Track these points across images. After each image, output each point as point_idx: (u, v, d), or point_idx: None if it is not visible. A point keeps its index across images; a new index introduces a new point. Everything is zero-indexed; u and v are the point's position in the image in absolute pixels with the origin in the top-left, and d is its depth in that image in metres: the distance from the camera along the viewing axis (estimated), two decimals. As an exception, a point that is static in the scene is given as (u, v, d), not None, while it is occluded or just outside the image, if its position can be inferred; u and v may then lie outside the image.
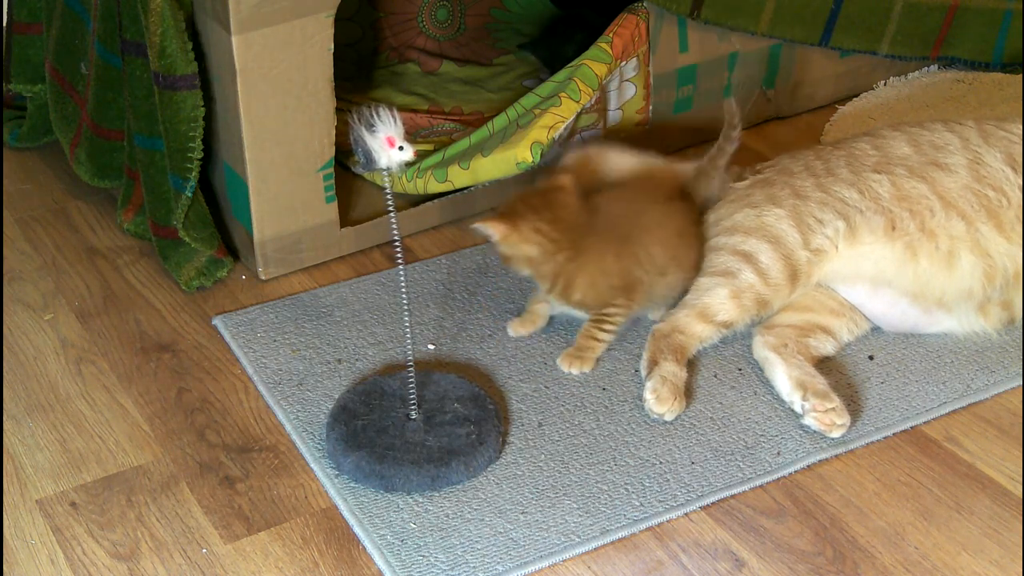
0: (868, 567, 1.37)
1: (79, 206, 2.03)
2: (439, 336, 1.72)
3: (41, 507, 1.46)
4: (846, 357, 1.67)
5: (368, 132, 1.34)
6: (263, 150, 1.74)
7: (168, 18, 1.67)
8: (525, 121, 1.84)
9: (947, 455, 1.52)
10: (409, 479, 1.45)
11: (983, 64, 2.33)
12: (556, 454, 1.52)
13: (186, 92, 1.71)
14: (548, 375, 1.64)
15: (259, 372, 1.65)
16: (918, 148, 1.70)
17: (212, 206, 1.86)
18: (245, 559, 1.39)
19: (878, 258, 1.65)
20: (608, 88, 2.01)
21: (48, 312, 1.78)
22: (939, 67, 2.37)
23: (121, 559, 1.39)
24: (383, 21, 2.35)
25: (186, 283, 1.81)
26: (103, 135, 1.93)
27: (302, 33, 1.69)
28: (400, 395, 1.54)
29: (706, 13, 2.00)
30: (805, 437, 1.54)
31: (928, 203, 1.64)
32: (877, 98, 2.30)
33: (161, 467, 1.51)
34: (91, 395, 1.63)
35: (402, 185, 1.91)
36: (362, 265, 1.88)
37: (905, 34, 2.22)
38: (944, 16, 2.23)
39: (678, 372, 1.58)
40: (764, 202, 1.69)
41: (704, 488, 1.46)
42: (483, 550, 1.38)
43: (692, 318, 1.64)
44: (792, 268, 1.64)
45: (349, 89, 2.21)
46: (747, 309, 1.64)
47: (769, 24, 2.07)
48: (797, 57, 2.19)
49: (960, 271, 1.63)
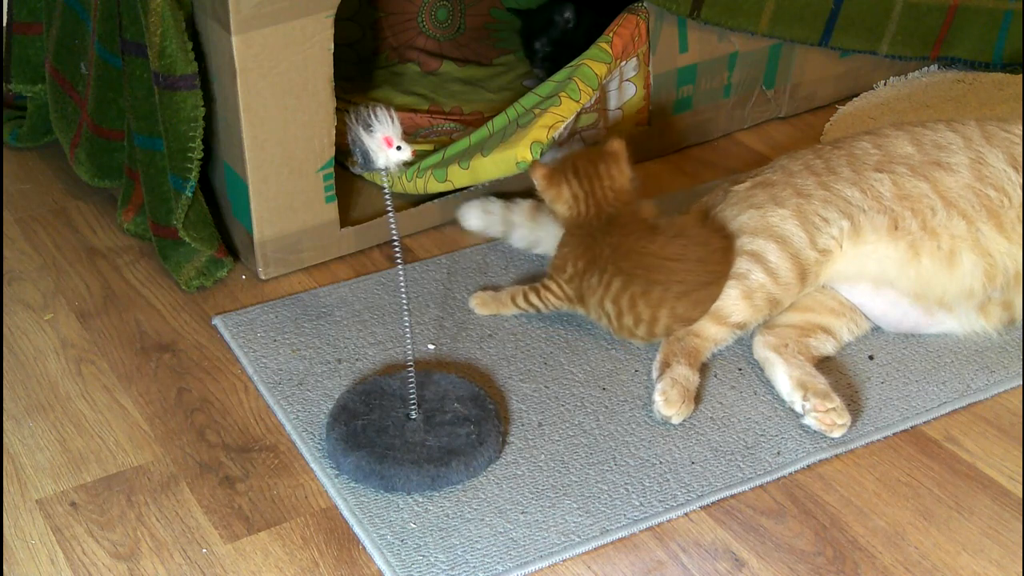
0: (868, 567, 1.37)
1: (79, 206, 2.03)
2: (439, 336, 1.72)
3: (41, 507, 1.46)
4: (846, 357, 1.67)
5: (366, 132, 1.34)
6: (263, 150, 1.74)
7: (168, 18, 1.67)
8: (525, 121, 1.84)
9: (947, 455, 1.52)
10: (409, 479, 1.45)
11: (983, 64, 2.33)
12: (556, 454, 1.52)
13: (186, 92, 1.71)
14: (548, 375, 1.64)
15: (259, 372, 1.65)
16: (920, 147, 1.70)
17: (212, 206, 1.86)
18: (245, 559, 1.39)
19: (881, 257, 1.65)
20: (608, 88, 2.01)
21: (48, 312, 1.78)
22: (939, 67, 2.37)
23: (121, 559, 1.39)
24: (383, 21, 2.35)
25: (186, 283, 1.81)
26: (103, 135, 1.93)
27: (302, 33, 1.69)
28: (400, 395, 1.54)
29: (706, 13, 2.00)
30: (805, 437, 1.54)
31: (929, 202, 1.64)
32: (877, 98, 2.30)
33: (161, 467, 1.51)
34: (91, 395, 1.63)
35: (402, 185, 1.91)
36: (362, 265, 1.88)
37: (905, 34, 2.22)
38: (944, 16, 2.23)
39: (690, 376, 1.58)
40: (767, 202, 1.69)
41: (704, 488, 1.46)
42: (483, 550, 1.38)
43: (706, 320, 1.63)
44: (801, 267, 1.64)
45: (349, 89, 2.21)
46: (759, 309, 1.64)
47: (769, 24, 2.07)
48: (797, 57, 2.19)
49: (961, 271, 1.63)
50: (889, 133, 1.74)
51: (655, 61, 2.03)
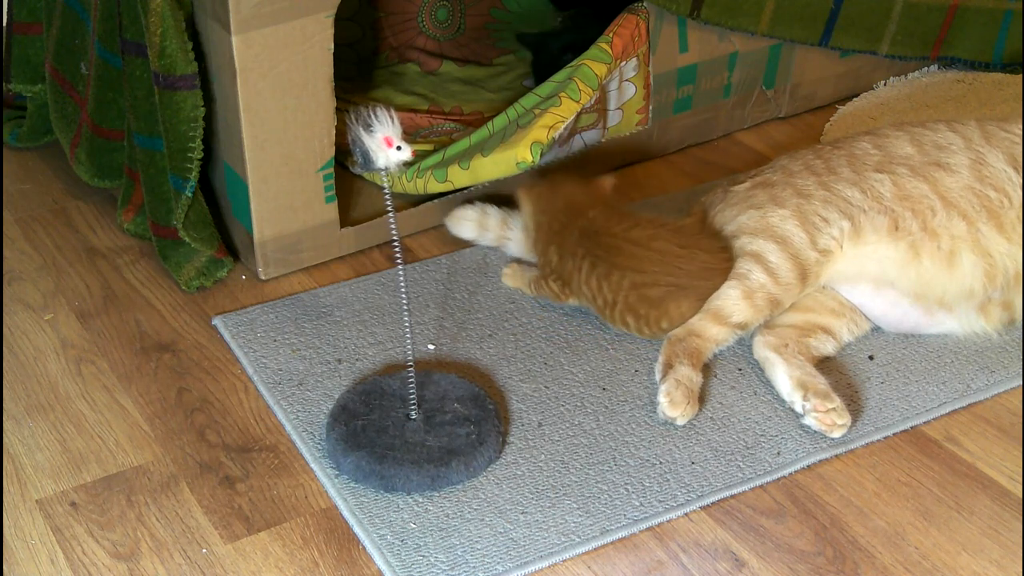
0: (868, 567, 1.37)
1: (79, 206, 2.03)
2: (439, 336, 1.72)
3: (41, 507, 1.46)
4: (846, 357, 1.67)
5: (366, 132, 1.34)
6: (263, 150, 1.74)
7: (168, 18, 1.67)
8: (525, 121, 1.84)
9: (947, 455, 1.52)
10: (409, 479, 1.45)
11: (983, 64, 2.33)
12: (556, 454, 1.52)
13: (186, 92, 1.71)
14: (548, 375, 1.64)
15: (259, 372, 1.65)
16: (920, 148, 1.70)
17: (212, 206, 1.86)
18: (245, 559, 1.39)
19: (881, 258, 1.65)
20: (608, 88, 2.01)
21: (48, 312, 1.78)
22: (939, 67, 2.37)
23: (121, 559, 1.39)
24: (383, 21, 2.35)
25: (186, 283, 1.81)
26: (103, 135, 1.93)
27: (302, 33, 1.69)
28: (400, 395, 1.54)
29: (706, 13, 2.00)
30: (805, 437, 1.54)
31: (929, 203, 1.64)
32: (877, 98, 2.30)
33: (161, 467, 1.51)
34: (91, 395, 1.63)
35: (402, 185, 1.91)
36: (362, 265, 1.88)
37: (905, 34, 2.22)
38: (944, 16, 2.23)
39: (693, 376, 1.58)
40: (767, 203, 1.69)
41: (704, 488, 1.46)
42: (483, 550, 1.38)
43: (707, 321, 1.63)
44: (801, 268, 1.64)
45: (349, 89, 2.21)
46: (760, 309, 1.64)
47: (769, 24, 2.07)
48: (797, 57, 2.19)
49: (961, 271, 1.63)
50: (889, 133, 1.74)
51: (655, 61, 2.03)
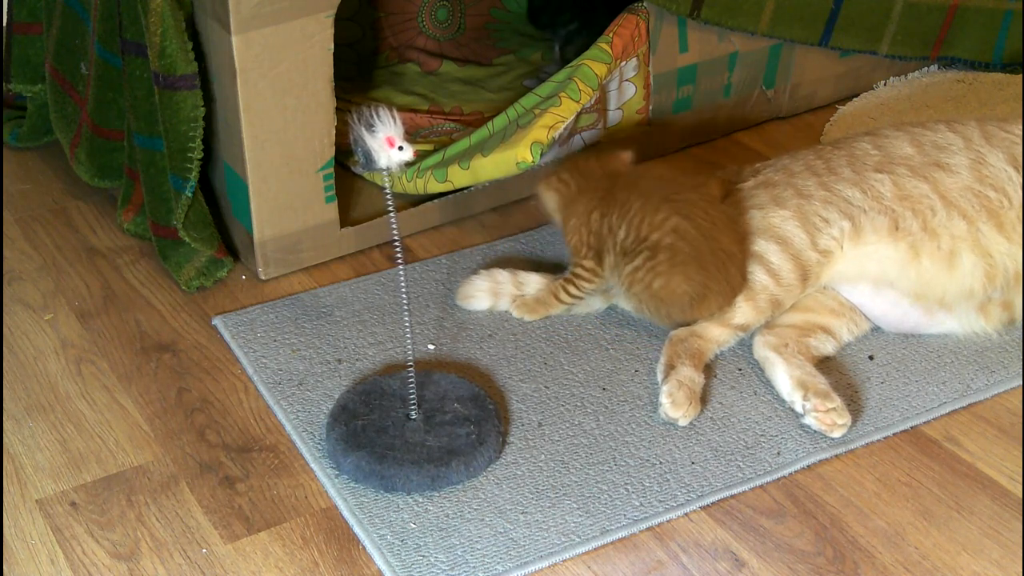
0: (868, 567, 1.37)
1: (79, 206, 2.03)
2: (439, 336, 1.72)
3: (41, 507, 1.46)
4: (846, 357, 1.67)
5: (368, 132, 1.34)
6: (263, 150, 1.74)
7: (168, 18, 1.67)
8: (525, 121, 1.84)
9: (947, 455, 1.52)
10: (409, 479, 1.45)
11: (983, 64, 2.33)
12: (556, 454, 1.52)
13: (186, 92, 1.71)
14: (548, 375, 1.64)
15: (259, 372, 1.65)
16: (920, 148, 1.70)
17: (212, 206, 1.86)
18: (245, 559, 1.39)
19: (882, 258, 1.65)
20: (608, 88, 2.01)
21: (48, 312, 1.78)
22: (939, 67, 2.37)
23: (121, 559, 1.39)
24: (383, 21, 2.35)
25: (186, 283, 1.81)
26: (103, 135, 1.93)
27: (302, 33, 1.69)
28: (400, 395, 1.54)
29: (706, 13, 2.00)
30: (805, 437, 1.54)
31: (930, 203, 1.64)
32: (877, 98, 2.30)
33: (161, 467, 1.51)
34: (91, 395, 1.63)
35: (402, 185, 1.92)
36: (362, 265, 1.88)
37: (905, 34, 2.22)
38: (944, 16, 2.24)
39: (695, 377, 1.58)
40: (768, 203, 1.69)
41: (704, 488, 1.46)
42: (483, 550, 1.38)
43: (709, 322, 1.63)
44: (802, 268, 1.64)
45: (349, 89, 2.21)
46: (762, 310, 1.64)
47: (769, 24, 2.07)
48: (797, 57, 2.20)
49: (961, 271, 1.63)
50: (889, 134, 1.74)
51: (655, 61, 2.03)
